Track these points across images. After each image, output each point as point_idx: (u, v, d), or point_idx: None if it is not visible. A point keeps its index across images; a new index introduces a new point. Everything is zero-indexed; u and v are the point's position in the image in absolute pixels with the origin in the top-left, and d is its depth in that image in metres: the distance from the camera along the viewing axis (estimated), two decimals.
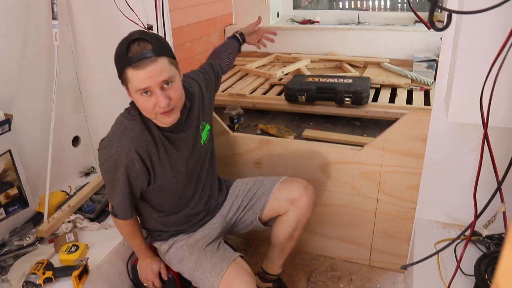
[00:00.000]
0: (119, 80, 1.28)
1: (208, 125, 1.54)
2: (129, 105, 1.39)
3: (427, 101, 2.46)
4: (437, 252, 1.32)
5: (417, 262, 1.35)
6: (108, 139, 1.34)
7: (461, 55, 1.16)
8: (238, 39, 1.87)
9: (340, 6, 4.39)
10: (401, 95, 2.55)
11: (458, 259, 1.27)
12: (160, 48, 1.21)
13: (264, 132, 2.22)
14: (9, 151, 1.63)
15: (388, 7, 4.25)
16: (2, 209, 1.64)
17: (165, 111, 1.26)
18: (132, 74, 1.19)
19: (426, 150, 1.58)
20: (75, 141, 2.15)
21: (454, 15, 1.00)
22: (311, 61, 3.19)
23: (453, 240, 1.28)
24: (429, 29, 0.82)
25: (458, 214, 1.63)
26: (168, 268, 1.59)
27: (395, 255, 1.93)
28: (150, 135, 1.33)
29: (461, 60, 1.17)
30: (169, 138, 1.38)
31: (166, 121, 1.30)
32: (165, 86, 1.23)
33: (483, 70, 1.01)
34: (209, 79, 1.62)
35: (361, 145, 1.93)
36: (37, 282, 1.38)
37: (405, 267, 1.40)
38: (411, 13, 3.64)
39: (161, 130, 1.36)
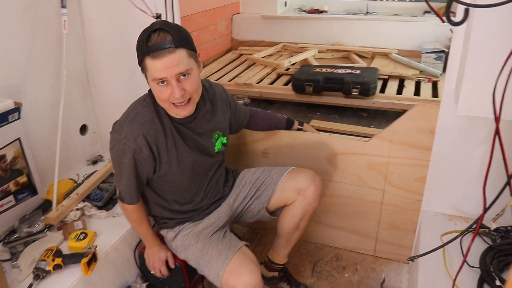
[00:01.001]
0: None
1: (224, 138, 1.56)
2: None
3: (435, 93, 2.45)
4: (444, 245, 1.33)
5: (424, 254, 1.36)
6: (119, 123, 1.36)
7: (473, 47, 1.15)
8: (292, 122, 1.87)
9: None
10: (409, 87, 2.54)
11: (465, 252, 1.27)
12: (180, 39, 1.21)
13: None
14: (19, 139, 1.64)
15: None
16: (12, 196, 1.65)
17: (180, 103, 1.28)
18: (150, 63, 1.21)
19: (434, 142, 1.57)
20: (83, 129, 2.16)
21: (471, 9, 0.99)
22: (319, 51, 3.17)
23: (462, 233, 1.28)
24: (443, 22, 0.81)
25: (464, 206, 1.63)
26: (175, 256, 1.61)
27: (400, 246, 1.94)
28: (160, 123, 1.35)
29: (473, 53, 1.15)
30: (179, 130, 1.39)
31: (181, 114, 1.32)
32: (181, 78, 1.25)
33: (495, 63, 1.00)
34: (234, 110, 1.66)
35: (368, 136, 1.93)
36: (47, 269, 1.40)
37: (412, 259, 1.40)
38: (420, 3, 3.61)
39: (172, 121, 1.37)
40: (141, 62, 1.25)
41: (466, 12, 0.71)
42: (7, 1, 1.65)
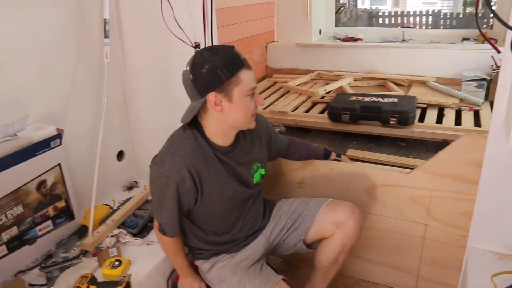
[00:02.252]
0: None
1: (263, 169, 1.55)
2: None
3: (477, 122, 2.36)
4: None
5: None
6: (160, 156, 1.35)
7: None
8: (329, 153, 1.85)
9: (380, 22, 4.33)
10: (449, 116, 2.47)
11: None
12: None
13: None
14: (59, 164, 1.68)
15: (430, 23, 4.16)
16: (50, 221, 1.67)
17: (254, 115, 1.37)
18: (246, 74, 1.28)
19: (481, 175, 1.50)
20: (120, 155, 2.19)
21: None
22: (354, 79, 3.15)
23: None
24: (499, 53, 0.77)
25: None
26: (208, 287, 1.57)
27: (443, 284, 1.84)
28: (202, 154, 1.34)
29: None
30: (221, 159, 1.38)
31: (253, 125, 1.39)
32: None
33: None
34: (273, 141, 1.66)
35: (407, 166, 1.87)
36: None
37: None
38: (458, 30, 3.56)
39: (213, 150, 1.36)
40: (231, 77, 1.25)
41: None
42: (54, 30, 1.72)
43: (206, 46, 1.76)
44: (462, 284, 1.63)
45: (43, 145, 1.59)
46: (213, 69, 1.24)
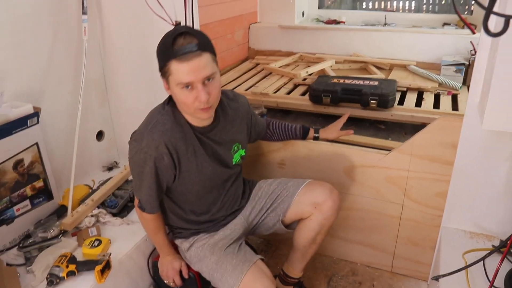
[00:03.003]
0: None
1: (243, 150, 1.55)
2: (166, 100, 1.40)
3: (455, 106, 2.40)
4: (470, 265, 1.28)
5: (449, 274, 1.31)
6: (139, 132, 1.35)
7: (501, 59, 1.12)
8: (307, 129, 1.83)
9: (364, 6, 4.33)
10: (428, 99, 2.50)
11: (489, 272, 1.23)
12: (205, 43, 1.22)
13: None
14: (37, 143, 1.65)
15: (413, 8, 4.18)
16: (28, 200, 1.65)
17: (203, 107, 1.26)
18: (176, 66, 1.20)
19: (456, 157, 1.54)
20: (99, 135, 2.17)
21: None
22: (336, 62, 3.15)
23: (490, 253, 1.24)
24: (473, 33, 0.78)
25: (487, 224, 1.58)
26: (188, 266, 1.59)
27: (418, 263, 1.89)
28: (181, 131, 1.34)
29: (501, 65, 1.12)
30: (200, 138, 1.38)
31: (203, 116, 1.30)
32: (207, 81, 1.23)
33: None
34: (253, 123, 1.64)
35: (386, 149, 1.90)
36: (61, 275, 1.39)
37: (436, 278, 1.36)
38: (439, 15, 3.58)
39: (192, 129, 1.36)
40: (163, 66, 1.23)
41: (507, 23, 0.68)
42: (29, 5, 1.67)
43: (186, 25, 1.74)
44: (436, 261, 1.69)
45: (20, 123, 1.56)
46: (156, 53, 1.26)
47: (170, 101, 1.36)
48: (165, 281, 1.62)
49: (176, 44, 1.19)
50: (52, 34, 1.79)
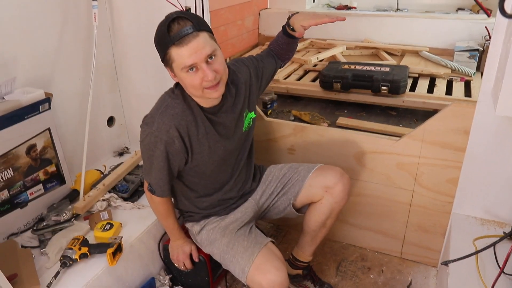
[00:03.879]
0: (157, 63, 1.28)
1: (252, 113, 1.53)
2: (173, 86, 1.40)
3: (467, 93, 2.37)
4: (480, 251, 1.28)
5: (459, 259, 1.31)
6: (150, 116, 1.35)
7: None
8: (284, 28, 1.60)
9: None
10: (440, 86, 2.47)
11: (500, 259, 1.23)
12: (199, 23, 1.21)
13: (297, 119, 2.19)
14: (49, 129, 1.67)
15: None
16: (41, 185, 1.68)
17: (212, 85, 1.25)
18: (176, 52, 1.19)
19: (468, 143, 1.52)
20: (110, 121, 2.18)
21: None
22: (347, 48, 3.11)
23: (500, 239, 1.23)
24: (488, 16, 0.77)
25: (498, 210, 1.58)
26: (199, 250, 1.60)
27: (428, 249, 1.89)
28: (191, 114, 1.34)
29: None
30: (210, 119, 1.38)
31: (213, 95, 1.29)
32: (209, 60, 1.23)
33: None
34: (263, 68, 1.58)
35: (397, 135, 1.88)
36: (74, 257, 1.42)
37: (446, 263, 1.36)
38: (453, 0, 3.50)
39: (203, 111, 1.36)
40: (165, 55, 1.23)
41: None
42: None
43: (196, 11, 1.73)
44: (446, 248, 1.69)
45: (32, 109, 1.58)
46: (154, 44, 1.26)
47: (179, 84, 1.36)
48: (175, 265, 1.64)
49: (172, 30, 1.18)
50: (62, 20, 1.79)
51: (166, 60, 1.24)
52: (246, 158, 1.57)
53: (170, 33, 1.18)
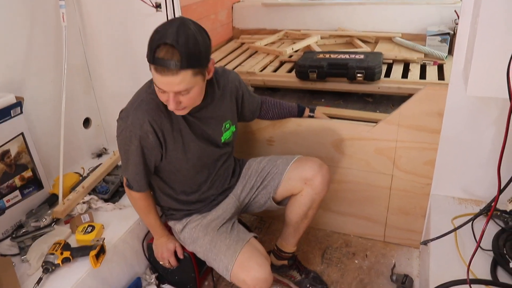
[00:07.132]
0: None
1: (233, 126, 1.54)
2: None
3: (441, 76, 2.41)
4: (456, 229, 1.31)
5: (437, 238, 1.34)
6: (125, 111, 1.35)
7: (482, 25, 1.12)
8: (303, 108, 1.84)
9: None
10: (414, 70, 2.51)
11: (477, 235, 1.26)
12: (188, 59, 1.16)
13: None
14: (22, 133, 1.63)
15: None
16: (17, 191, 1.64)
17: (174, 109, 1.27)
18: (153, 72, 1.20)
19: (442, 125, 1.55)
20: (86, 122, 2.15)
21: None
22: (321, 37, 3.14)
23: (476, 216, 1.26)
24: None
25: (475, 189, 1.61)
26: (183, 247, 1.60)
27: (410, 231, 1.92)
28: (166, 110, 1.33)
29: (482, 31, 1.12)
30: (186, 118, 1.37)
31: (176, 113, 1.32)
32: (181, 93, 1.23)
33: (507, 41, 0.98)
34: (246, 100, 1.62)
35: (375, 121, 1.91)
36: (56, 262, 1.40)
37: (425, 243, 1.39)
38: None
39: None
40: (148, 59, 1.20)
41: None
42: None
43: (167, 7, 1.71)
44: (426, 229, 1.72)
45: (3, 114, 1.54)
46: (149, 41, 1.22)
47: None
48: (160, 263, 1.63)
49: (158, 52, 1.15)
50: (30, 22, 1.75)
51: (148, 61, 1.21)
52: (225, 161, 1.58)
53: (155, 54, 1.16)
